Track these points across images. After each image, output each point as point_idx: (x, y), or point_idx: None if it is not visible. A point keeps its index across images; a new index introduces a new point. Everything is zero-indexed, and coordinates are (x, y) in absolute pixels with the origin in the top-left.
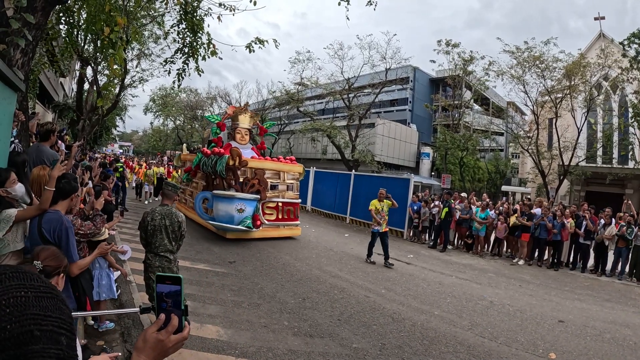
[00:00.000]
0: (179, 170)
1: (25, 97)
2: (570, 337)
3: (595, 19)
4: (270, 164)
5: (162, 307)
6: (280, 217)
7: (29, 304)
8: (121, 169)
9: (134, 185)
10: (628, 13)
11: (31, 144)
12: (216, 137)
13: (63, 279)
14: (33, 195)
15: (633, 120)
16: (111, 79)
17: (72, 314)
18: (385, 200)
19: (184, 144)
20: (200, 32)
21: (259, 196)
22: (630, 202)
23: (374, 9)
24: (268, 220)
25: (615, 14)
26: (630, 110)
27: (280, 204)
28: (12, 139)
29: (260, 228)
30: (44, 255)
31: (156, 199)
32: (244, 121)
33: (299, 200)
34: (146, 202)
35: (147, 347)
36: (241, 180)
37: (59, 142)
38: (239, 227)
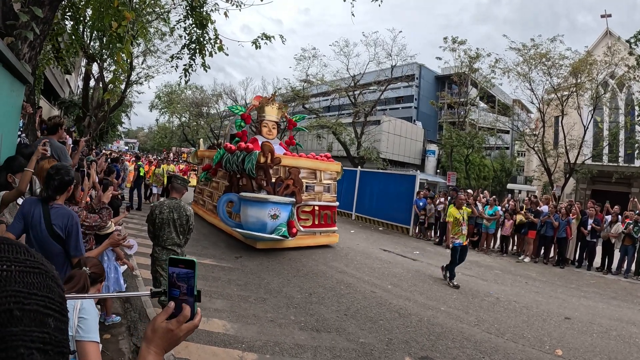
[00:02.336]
0: (197, 169)
1: (32, 90)
2: (577, 334)
3: (602, 16)
4: (305, 161)
5: (174, 294)
6: (316, 222)
7: (10, 279)
8: (143, 172)
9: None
10: (638, 8)
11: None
12: (240, 131)
13: (102, 286)
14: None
15: (639, 118)
16: (118, 73)
17: (83, 295)
18: (464, 207)
19: (201, 139)
20: (209, 24)
21: (294, 199)
22: (636, 200)
23: (380, 5)
24: (303, 226)
25: (627, 9)
26: (637, 108)
27: (316, 208)
28: (19, 132)
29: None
30: (90, 263)
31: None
32: (271, 113)
33: (337, 204)
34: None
35: (157, 337)
36: (273, 180)
37: (66, 136)
38: (273, 236)
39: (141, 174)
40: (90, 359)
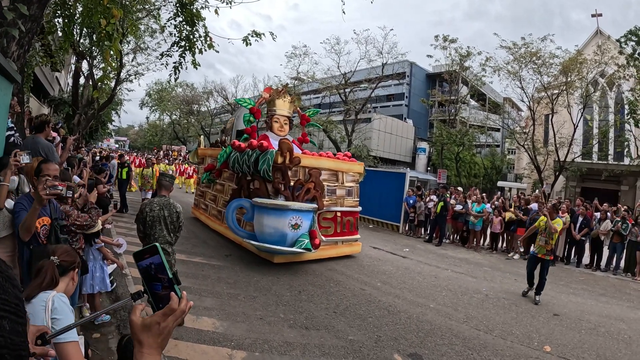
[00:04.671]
0: (198, 169)
1: (20, 89)
2: (565, 331)
3: (593, 15)
4: (327, 161)
5: (156, 289)
6: (338, 230)
7: None
8: (127, 169)
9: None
10: (632, 6)
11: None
12: (250, 127)
13: (78, 274)
14: (31, 187)
15: (629, 117)
16: (107, 71)
17: (73, 324)
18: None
19: (202, 136)
20: (199, 21)
21: (316, 205)
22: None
23: (372, 2)
24: (324, 235)
25: (621, 7)
26: (627, 107)
27: (338, 214)
28: (13, 132)
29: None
30: (59, 251)
31: None
32: (283, 107)
33: (359, 209)
34: None
35: (145, 336)
36: (292, 183)
37: (54, 134)
38: (294, 249)
39: (124, 175)
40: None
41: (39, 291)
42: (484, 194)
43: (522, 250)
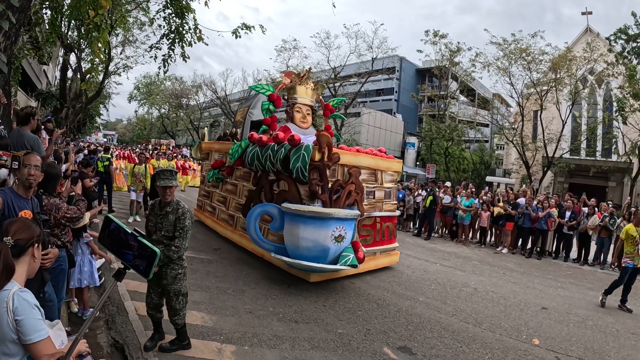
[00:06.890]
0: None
1: (7, 80)
2: (554, 324)
3: (583, 13)
4: (366, 158)
5: (128, 259)
6: (377, 239)
7: None
8: (107, 162)
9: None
10: (625, 2)
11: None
12: (269, 116)
13: (39, 249)
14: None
15: (617, 114)
16: (95, 63)
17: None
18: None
19: (205, 128)
20: (189, 13)
21: (358, 212)
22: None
23: None
24: (364, 246)
25: (615, 2)
26: (615, 104)
27: (377, 220)
28: None
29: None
30: (13, 229)
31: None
32: (305, 95)
33: (398, 213)
34: (130, 220)
35: None
36: (329, 185)
37: (42, 128)
38: (338, 266)
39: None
40: (41, 358)
41: None
42: (472, 189)
43: (615, 265)
